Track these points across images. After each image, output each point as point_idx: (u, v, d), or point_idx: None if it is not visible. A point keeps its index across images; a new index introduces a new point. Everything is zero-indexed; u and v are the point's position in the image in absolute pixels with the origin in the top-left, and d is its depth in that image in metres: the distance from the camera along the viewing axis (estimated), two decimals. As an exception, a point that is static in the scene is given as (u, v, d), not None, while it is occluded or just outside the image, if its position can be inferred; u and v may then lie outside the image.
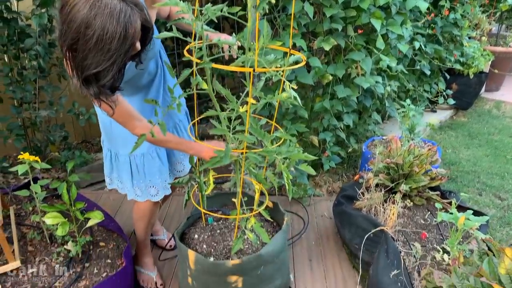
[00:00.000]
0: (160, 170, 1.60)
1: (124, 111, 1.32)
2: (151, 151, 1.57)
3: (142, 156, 1.56)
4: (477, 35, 4.19)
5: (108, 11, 0.99)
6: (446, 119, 4.00)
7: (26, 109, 2.85)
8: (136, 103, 1.49)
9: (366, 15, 2.17)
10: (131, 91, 1.49)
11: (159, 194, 1.63)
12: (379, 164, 1.90)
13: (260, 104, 1.38)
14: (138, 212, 1.74)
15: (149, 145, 1.55)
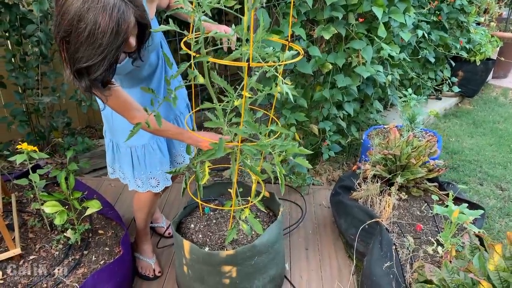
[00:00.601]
0: (161, 162, 1.61)
1: (122, 101, 1.32)
2: (152, 143, 1.58)
3: (143, 147, 1.57)
4: (485, 20, 4.10)
5: (101, 5, 0.99)
6: (451, 107, 3.96)
7: (29, 95, 2.87)
8: (137, 95, 1.50)
9: (368, 3, 2.13)
10: (132, 82, 1.49)
11: (159, 185, 1.65)
12: (377, 156, 1.89)
13: (259, 96, 1.37)
14: (138, 203, 1.77)
15: (150, 136, 1.56)
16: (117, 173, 1.70)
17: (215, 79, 1.34)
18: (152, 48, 1.43)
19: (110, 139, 1.63)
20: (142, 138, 1.55)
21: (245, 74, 1.24)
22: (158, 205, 2.21)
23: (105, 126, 1.64)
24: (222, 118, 1.36)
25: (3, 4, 2.62)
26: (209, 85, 1.35)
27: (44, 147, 3.10)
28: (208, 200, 1.84)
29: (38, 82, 2.87)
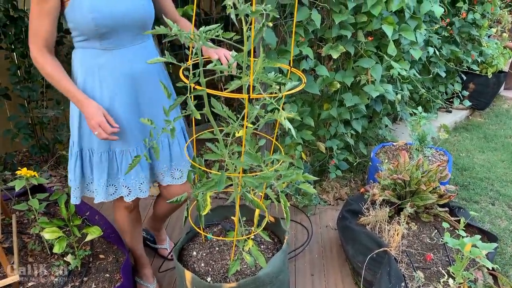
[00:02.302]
0: (136, 171, 1.56)
1: (36, 22, 1.32)
2: (131, 150, 1.52)
3: (121, 153, 1.52)
4: (498, 31, 4.01)
5: None
6: (462, 120, 3.88)
7: (34, 107, 2.86)
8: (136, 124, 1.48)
9: (378, 21, 2.08)
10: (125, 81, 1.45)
11: (130, 194, 1.57)
12: (386, 181, 1.84)
13: (261, 122, 1.33)
14: (118, 226, 1.76)
15: (132, 142, 1.52)
16: (83, 191, 1.58)
17: (217, 108, 1.30)
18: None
19: (80, 148, 1.51)
20: (124, 144, 1.51)
21: (246, 105, 1.19)
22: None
23: (75, 136, 1.50)
24: (223, 149, 1.31)
25: (8, 17, 2.60)
26: (210, 113, 1.30)
27: (48, 159, 3.09)
28: (211, 224, 1.80)
29: (43, 94, 2.86)
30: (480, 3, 3.04)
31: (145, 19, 1.45)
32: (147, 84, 1.49)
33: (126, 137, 1.48)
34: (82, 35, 1.36)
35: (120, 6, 1.37)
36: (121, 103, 1.44)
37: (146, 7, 1.45)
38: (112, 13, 1.35)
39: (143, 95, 1.50)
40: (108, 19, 1.34)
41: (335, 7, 1.98)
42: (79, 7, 1.32)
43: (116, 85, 1.42)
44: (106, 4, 1.34)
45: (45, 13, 1.32)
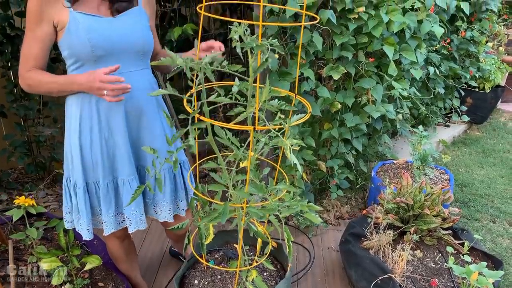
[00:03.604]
0: (136, 202, 1.52)
1: (28, 46, 1.30)
2: (131, 179, 1.50)
3: (122, 182, 1.50)
4: (494, 45, 4.04)
5: None
6: (460, 134, 3.88)
7: (30, 125, 2.82)
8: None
9: (378, 42, 2.08)
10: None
11: (132, 225, 1.52)
12: (389, 205, 1.82)
13: (264, 150, 1.31)
14: (111, 255, 1.74)
15: (128, 172, 1.49)
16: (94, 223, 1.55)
17: (221, 137, 1.27)
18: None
19: (86, 182, 1.45)
20: (123, 172, 1.48)
21: (251, 137, 1.17)
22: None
23: (76, 169, 1.43)
24: (228, 180, 1.29)
25: (5, 35, 2.58)
26: (213, 142, 1.28)
27: (44, 177, 3.04)
28: (212, 250, 1.76)
29: (39, 112, 2.83)
30: (478, 20, 3.06)
31: (143, 45, 1.42)
32: (145, 112, 1.47)
33: (126, 166, 1.45)
34: (77, 61, 1.34)
35: (118, 30, 1.36)
36: (119, 131, 1.42)
37: (145, 33, 1.43)
38: (109, 35, 1.33)
39: (140, 123, 1.47)
40: (105, 41, 1.32)
41: (336, 29, 1.97)
42: (75, 30, 1.30)
43: (115, 114, 1.40)
44: (103, 27, 1.33)
45: (38, 39, 1.30)
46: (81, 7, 1.31)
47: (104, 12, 1.35)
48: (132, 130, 1.47)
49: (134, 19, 1.39)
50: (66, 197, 1.48)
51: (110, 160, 1.44)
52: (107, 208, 1.46)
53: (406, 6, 2.08)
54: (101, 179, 1.43)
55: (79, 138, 1.39)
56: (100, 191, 1.45)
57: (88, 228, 1.48)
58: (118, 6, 1.36)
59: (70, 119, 1.41)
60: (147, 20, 1.45)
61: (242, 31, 1.06)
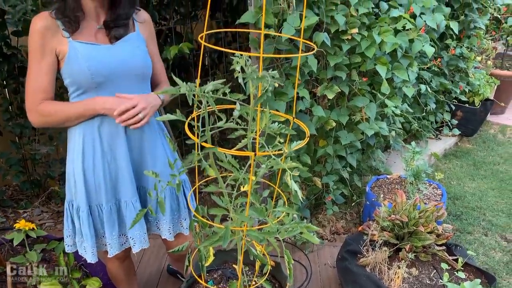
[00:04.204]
0: (140, 222, 1.54)
1: (35, 80, 1.32)
2: (134, 200, 1.52)
3: (125, 203, 1.51)
4: (482, 59, 4.13)
5: None
6: (451, 147, 3.95)
7: (26, 143, 2.82)
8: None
9: (371, 61, 2.13)
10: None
11: (136, 245, 1.54)
12: (384, 222, 1.85)
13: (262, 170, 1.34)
14: (111, 276, 1.75)
15: (131, 193, 1.51)
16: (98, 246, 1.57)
17: (223, 160, 1.30)
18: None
19: (89, 205, 1.47)
20: (126, 194, 1.50)
21: (251, 163, 1.20)
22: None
23: (80, 194, 1.44)
24: (228, 203, 1.31)
25: (1, 54, 2.59)
26: (214, 166, 1.31)
27: (39, 194, 3.03)
28: (211, 270, 1.78)
29: (35, 130, 2.83)
30: (466, 37, 3.14)
31: (142, 69, 1.45)
32: (147, 134, 1.49)
33: (129, 188, 1.47)
34: (79, 88, 1.36)
35: (117, 56, 1.39)
36: (122, 155, 1.44)
37: (143, 57, 1.46)
38: (108, 62, 1.36)
39: (142, 146, 1.50)
40: (104, 68, 1.35)
41: (330, 50, 2.02)
42: (75, 59, 1.33)
43: (117, 138, 1.42)
44: (102, 54, 1.36)
45: (44, 71, 1.32)
46: (80, 36, 1.34)
47: (102, 40, 1.38)
48: (134, 153, 1.49)
49: (132, 45, 1.42)
50: (67, 221, 1.50)
51: (113, 183, 1.46)
52: (111, 230, 1.47)
53: (398, 27, 2.14)
54: (104, 202, 1.45)
55: (82, 162, 1.41)
56: (103, 214, 1.46)
57: (92, 251, 1.49)
58: (116, 33, 1.39)
59: (73, 143, 1.43)
60: (145, 45, 1.48)
61: (243, 62, 1.10)
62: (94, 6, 1.35)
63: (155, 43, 1.57)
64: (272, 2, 1.83)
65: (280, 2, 1.81)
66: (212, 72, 3.21)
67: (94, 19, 1.37)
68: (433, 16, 2.39)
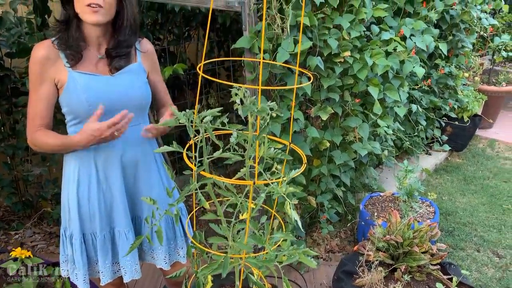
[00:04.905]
0: (132, 253, 1.54)
1: (33, 106, 1.33)
2: (127, 231, 1.52)
3: (119, 233, 1.51)
4: (470, 75, 4.22)
5: None
6: (441, 161, 4.00)
7: (18, 164, 2.80)
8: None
9: (363, 83, 2.17)
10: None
11: (126, 275, 1.53)
12: (379, 243, 1.87)
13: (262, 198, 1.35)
14: None
15: (125, 223, 1.50)
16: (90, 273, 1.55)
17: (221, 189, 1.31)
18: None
19: (83, 233, 1.47)
20: (120, 223, 1.49)
21: (250, 192, 1.22)
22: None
23: (73, 221, 1.44)
24: (227, 231, 1.32)
25: (-6, 76, 2.59)
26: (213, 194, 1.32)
27: (31, 215, 3.00)
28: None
29: (27, 150, 2.81)
30: (455, 56, 3.22)
31: (140, 101, 1.46)
32: (142, 163, 1.50)
33: (123, 217, 1.47)
34: (76, 117, 1.37)
35: (116, 87, 1.39)
36: (117, 184, 1.44)
37: (143, 89, 1.46)
38: (107, 94, 1.37)
39: (137, 174, 1.50)
40: (102, 99, 1.35)
41: (323, 72, 2.06)
42: (74, 89, 1.33)
43: (112, 167, 1.43)
44: (101, 85, 1.36)
45: (42, 98, 1.34)
46: (80, 66, 1.35)
47: (102, 70, 1.39)
48: (129, 182, 1.49)
49: (132, 76, 1.43)
50: (63, 247, 1.49)
51: (108, 212, 1.46)
52: (104, 259, 1.47)
53: (389, 49, 2.19)
54: (98, 230, 1.45)
55: (77, 191, 1.41)
56: (97, 242, 1.46)
57: (84, 279, 1.48)
58: (117, 64, 1.40)
59: (69, 171, 1.43)
60: (145, 76, 1.49)
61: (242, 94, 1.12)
62: (97, 35, 1.37)
63: (158, 71, 1.58)
64: (267, 28, 1.86)
65: (274, 27, 1.85)
66: (205, 90, 3.23)
67: (96, 48, 1.38)
68: (423, 38, 2.45)
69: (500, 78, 4.66)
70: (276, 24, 1.84)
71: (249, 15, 1.79)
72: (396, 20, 2.50)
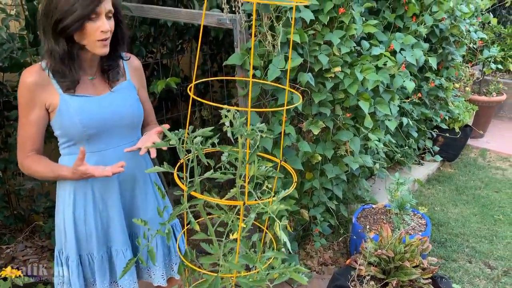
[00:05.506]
0: (130, 271, 1.54)
1: (23, 131, 1.33)
2: (124, 249, 1.51)
3: (116, 252, 1.51)
4: (461, 86, 4.27)
5: None
6: (434, 171, 4.04)
7: (10, 177, 2.79)
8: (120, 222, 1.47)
9: (354, 97, 2.19)
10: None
11: None
12: (371, 258, 1.88)
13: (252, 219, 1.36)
14: None
15: (122, 242, 1.50)
16: None
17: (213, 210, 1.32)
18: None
19: (79, 255, 1.46)
20: (118, 243, 1.49)
21: (241, 212, 1.22)
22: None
23: (70, 243, 1.44)
24: (218, 250, 1.33)
25: (-15, 91, 2.58)
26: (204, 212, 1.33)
27: (23, 229, 2.98)
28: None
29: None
30: (445, 68, 3.26)
31: (132, 119, 1.47)
32: (138, 181, 1.50)
33: (120, 236, 1.47)
34: (70, 140, 1.37)
35: (109, 107, 1.40)
36: (113, 203, 1.45)
37: (135, 107, 1.47)
38: (100, 114, 1.37)
39: (134, 193, 1.51)
40: (96, 120, 1.36)
41: (314, 88, 2.08)
42: (66, 112, 1.33)
43: (107, 187, 1.43)
44: (94, 106, 1.37)
45: (32, 123, 1.33)
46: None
47: (93, 90, 1.38)
48: (126, 200, 1.50)
49: (123, 94, 1.44)
50: (58, 268, 1.48)
51: (104, 231, 1.46)
52: (102, 279, 1.46)
53: (379, 64, 2.21)
54: (95, 251, 1.44)
55: (73, 212, 1.41)
56: (94, 263, 1.45)
57: None
58: (112, 77, 1.40)
59: (64, 192, 1.43)
60: (136, 93, 1.50)
61: (232, 115, 1.13)
62: (94, 60, 1.37)
63: (145, 87, 1.60)
64: (258, 45, 1.88)
65: (265, 44, 1.87)
66: (199, 103, 3.24)
67: (86, 70, 1.39)
68: (413, 52, 2.48)
69: (490, 88, 4.72)
70: (267, 41, 1.86)
71: (241, 32, 1.81)
72: (386, 35, 2.53)
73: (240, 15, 1.77)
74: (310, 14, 1.87)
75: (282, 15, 1.85)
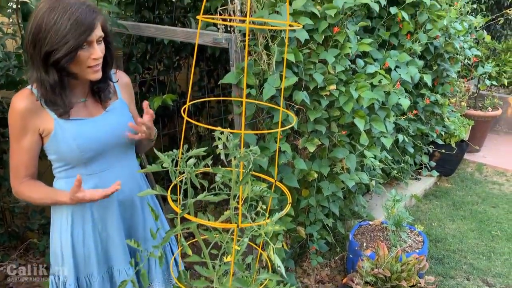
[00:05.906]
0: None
1: (16, 157, 1.31)
2: (127, 268, 1.50)
3: (118, 271, 1.49)
4: (456, 101, 4.30)
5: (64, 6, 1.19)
6: (431, 186, 4.03)
7: (4, 195, 2.77)
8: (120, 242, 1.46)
9: (350, 115, 2.20)
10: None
11: None
12: (367, 277, 1.87)
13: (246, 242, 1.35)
14: None
15: (123, 260, 1.48)
16: None
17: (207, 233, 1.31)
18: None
19: (76, 277, 1.44)
20: (121, 262, 1.48)
21: (235, 235, 1.21)
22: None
23: (68, 265, 1.41)
24: (212, 272, 1.31)
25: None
26: (197, 233, 1.32)
27: (17, 246, 2.95)
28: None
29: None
30: (440, 84, 3.28)
31: (128, 138, 1.47)
32: (136, 199, 1.50)
33: (121, 255, 1.46)
34: (66, 164, 1.35)
35: (104, 127, 1.39)
36: (113, 223, 1.43)
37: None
38: (97, 136, 1.36)
39: (134, 211, 1.50)
40: (93, 143, 1.35)
41: (309, 106, 2.09)
42: (62, 137, 1.31)
43: (107, 208, 1.42)
44: (90, 129, 1.36)
45: (25, 149, 1.30)
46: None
47: (86, 113, 1.37)
48: (126, 218, 1.48)
49: (117, 113, 1.44)
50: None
51: (104, 251, 1.45)
52: None
53: (374, 82, 2.23)
54: (96, 272, 1.42)
55: (71, 234, 1.39)
56: (95, 284, 1.43)
57: None
58: (103, 96, 1.39)
59: (60, 213, 1.40)
60: (128, 110, 1.50)
61: (225, 138, 1.13)
62: (82, 83, 1.36)
63: (134, 103, 1.60)
64: (253, 63, 1.89)
65: (260, 63, 1.88)
66: (195, 118, 3.25)
67: (77, 94, 1.38)
68: (408, 69, 2.50)
69: (486, 103, 4.75)
70: (263, 60, 1.87)
71: (236, 51, 1.83)
72: (381, 53, 2.55)
73: (235, 34, 1.79)
74: (305, 34, 1.88)
75: (277, 34, 1.86)
